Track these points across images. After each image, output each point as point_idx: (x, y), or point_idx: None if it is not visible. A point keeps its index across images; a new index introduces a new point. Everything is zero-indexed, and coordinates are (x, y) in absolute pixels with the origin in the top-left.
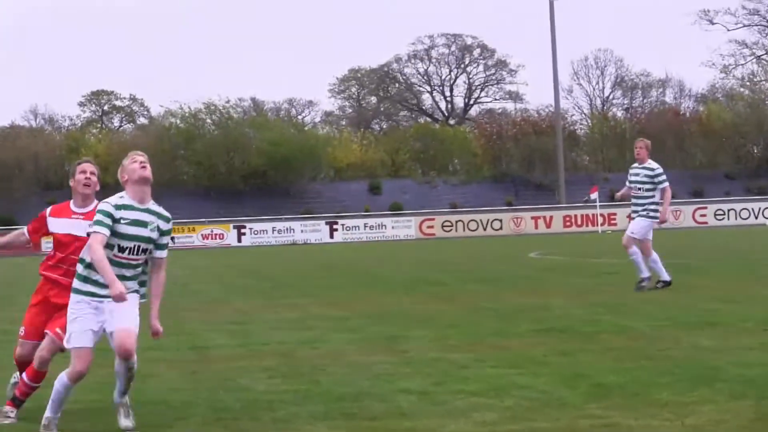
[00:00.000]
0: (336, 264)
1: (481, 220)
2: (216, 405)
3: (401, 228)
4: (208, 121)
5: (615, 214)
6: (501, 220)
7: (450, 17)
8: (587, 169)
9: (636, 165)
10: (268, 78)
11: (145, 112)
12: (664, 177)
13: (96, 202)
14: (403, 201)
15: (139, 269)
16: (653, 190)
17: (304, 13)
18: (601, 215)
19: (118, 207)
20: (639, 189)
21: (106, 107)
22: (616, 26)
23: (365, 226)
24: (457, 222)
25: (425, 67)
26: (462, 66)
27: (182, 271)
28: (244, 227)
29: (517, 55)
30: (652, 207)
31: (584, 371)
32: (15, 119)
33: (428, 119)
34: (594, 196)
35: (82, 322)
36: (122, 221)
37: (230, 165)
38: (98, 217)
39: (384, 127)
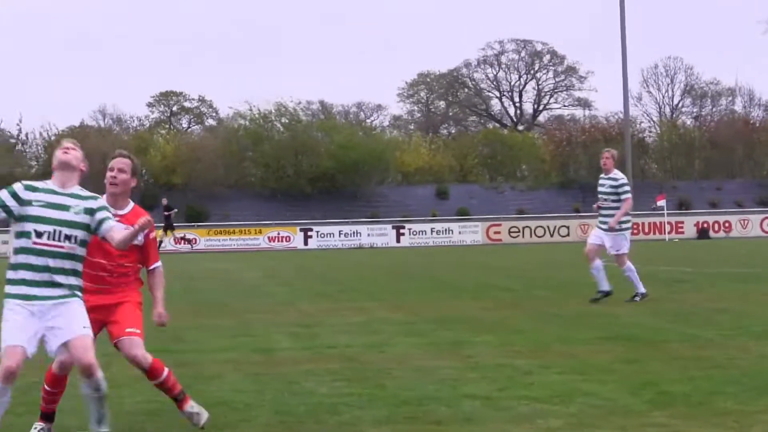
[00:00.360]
0: (402, 268)
1: (548, 227)
2: (280, 408)
3: (468, 233)
4: (277, 124)
5: (682, 222)
6: (568, 227)
7: (520, 23)
8: (655, 177)
9: (603, 176)
10: (337, 81)
11: (214, 114)
12: (627, 188)
13: (132, 204)
14: (470, 206)
15: (70, 262)
16: (619, 201)
17: (374, 17)
18: (669, 223)
19: (31, 188)
20: (605, 200)
21: (174, 108)
22: (687, 34)
23: (432, 231)
24: (524, 228)
25: (495, 73)
26: (531, 72)
27: (249, 273)
28: (311, 230)
29: (586, 62)
30: (623, 218)
31: (650, 379)
32: (84, 119)
33: (497, 125)
34: (661, 203)
35: (14, 322)
36: (35, 203)
37: (298, 167)
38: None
39: (452, 132)
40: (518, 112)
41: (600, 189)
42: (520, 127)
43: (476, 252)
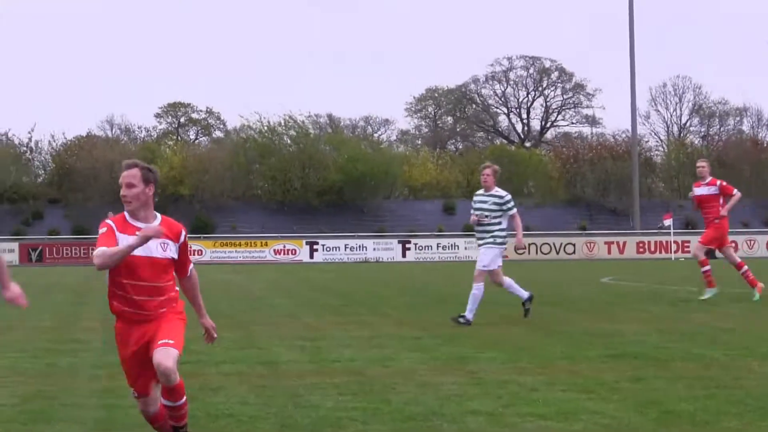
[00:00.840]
0: (408, 283)
1: (554, 244)
2: (285, 421)
3: (474, 249)
4: (286, 138)
5: (689, 241)
6: (574, 245)
7: (529, 40)
8: (662, 196)
9: (482, 192)
10: (345, 95)
11: (221, 126)
12: (512, 204)
13: (158, 215)
14: None
15: None
16: (501, 217)
17: (383, 32)
18: (675, 242)
19: None
20: (486, 217)
21: (182, 119)
22: (695, 53)
23: (438, 246)
24: (530, 245)
25: (503, 89)
26: (540, 89)
27: (255, 285)
28: (317, 243)
29: (594, 79)
30: (501, 234)
31: (655, 398)
32: (92, 129)
33: (504, 141)
34: (668, 222)
35: None
36: None
37: (305, 180)
38: None
39: (460, 147)
40: (526, 128)
41: (480, 206)
42: (528, 144)
43: None
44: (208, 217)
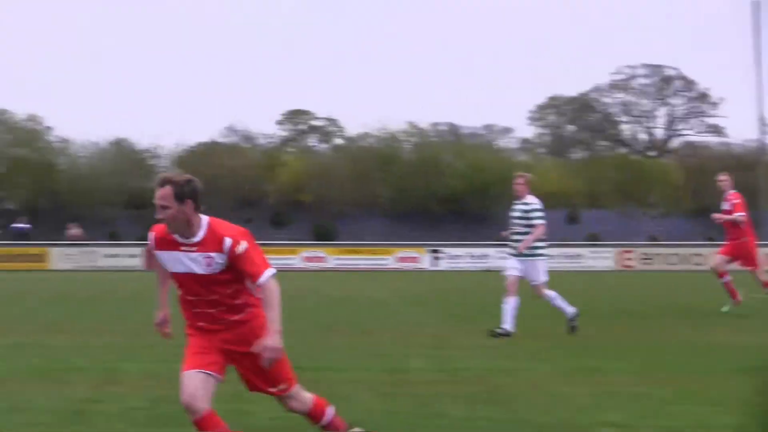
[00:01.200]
0: (533, 293)
1: (681, 254)
2: (413, 429)
3: (599, 259)
4: (407, 145)
5: None
6: (702, 255)
7: (650, 48)
8: None
9: (515, 201)
10: (467, 104)
11: (341, 133)
12: (539, 213)
13: (204, 225)
14: (601, 231)
15: None
16: (530, 227)
17: (505, 41)
18: None
19: None
20: (516, 226)
21: (302, 127)
22: None
23: (562, 256)
24: (656, 255)
25: (625, 98)
26: (662, 97)
27: (378, 293)
28: (440, 251)
29: (718, 88)
30: (539, 245)
31: None
32: (214, 136)
33: (627, 150)
34: None
35: None
36: None
37: (427, 189)
38: None
39: (582, 156)
40: (649, 137)
41: (512, 214)
42: (651, 153)
43: (608, 278)
44: (330, 223)
